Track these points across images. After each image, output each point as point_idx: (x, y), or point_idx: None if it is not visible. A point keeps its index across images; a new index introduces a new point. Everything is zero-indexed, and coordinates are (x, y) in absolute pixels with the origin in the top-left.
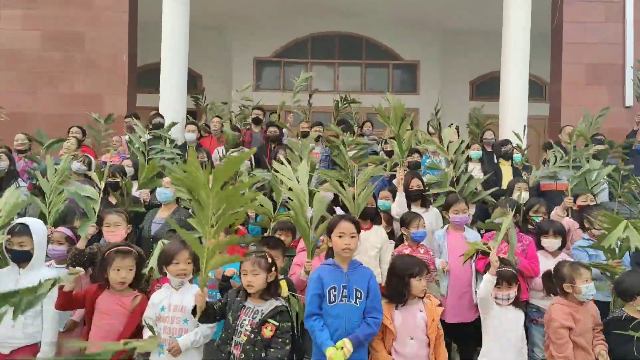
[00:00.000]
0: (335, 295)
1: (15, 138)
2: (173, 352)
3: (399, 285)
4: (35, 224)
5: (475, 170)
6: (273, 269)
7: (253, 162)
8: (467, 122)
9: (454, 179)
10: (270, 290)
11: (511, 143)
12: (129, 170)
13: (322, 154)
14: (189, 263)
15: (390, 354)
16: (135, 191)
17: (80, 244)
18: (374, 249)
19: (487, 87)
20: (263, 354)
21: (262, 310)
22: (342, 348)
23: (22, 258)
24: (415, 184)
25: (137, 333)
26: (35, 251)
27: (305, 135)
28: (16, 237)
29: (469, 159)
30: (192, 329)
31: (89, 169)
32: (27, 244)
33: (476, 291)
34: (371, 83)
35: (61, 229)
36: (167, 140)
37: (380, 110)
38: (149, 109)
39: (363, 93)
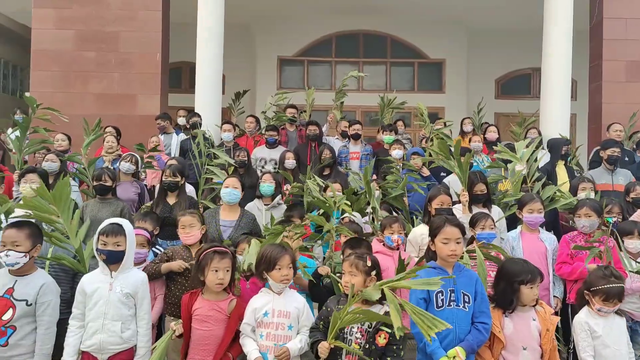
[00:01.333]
0: (442, 300)
1: (55, 138)
2: (282, 358)
3: (507, 291)
4: (127, 224)
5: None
6: (373, 272)
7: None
8: (493, 120)
9: (530, 189)
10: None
11: (570, 142)
12: None
13: (362, 152)
14: (290, 268)
15: None
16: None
17: (164, 269)
18: None
19: (512, 85)
20: None
21: None
22: (454, 357)
23: (117, 258)
24: (479, 188)
25: (236, 337)
26: (127, 252)
27: (345, 135)
28: (111, 237)
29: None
30: (294, 336)
31: (137, 168)
32: (122, 244)
33: (555, 296)
34: (396, 81)
35: (141, 231)
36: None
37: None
38: (177, 108)
39: (388, 92)
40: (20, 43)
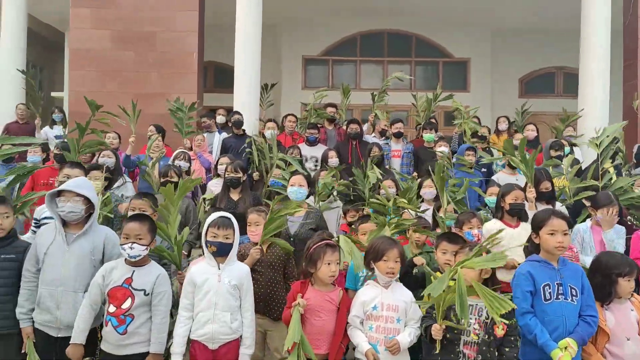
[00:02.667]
0: (550, 293)
1: (106, 137)
2: (394, 350)
3: (604, 283)
4: (233, 219)
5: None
6: None
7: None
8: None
9: (600, 178)
10: (488, 287)
11: (619, 141)
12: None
13: (403, 150)
14: (397, 262)
15: (603, 356)
16: None
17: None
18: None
19: (536, 84)
20: (496, 354)
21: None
22: (565, 348)
23: (226, 251)
24: (544, 186)
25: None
26: (234, 245)
27: (384, 133)
28: (222, 229)
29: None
30: (403, 329)
31: (190, 165)
32: (230, 237)
33: None
34: (421, 81)
35: None
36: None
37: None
38: (210, 107)
39: (413, 91)
40: (40, 43)
